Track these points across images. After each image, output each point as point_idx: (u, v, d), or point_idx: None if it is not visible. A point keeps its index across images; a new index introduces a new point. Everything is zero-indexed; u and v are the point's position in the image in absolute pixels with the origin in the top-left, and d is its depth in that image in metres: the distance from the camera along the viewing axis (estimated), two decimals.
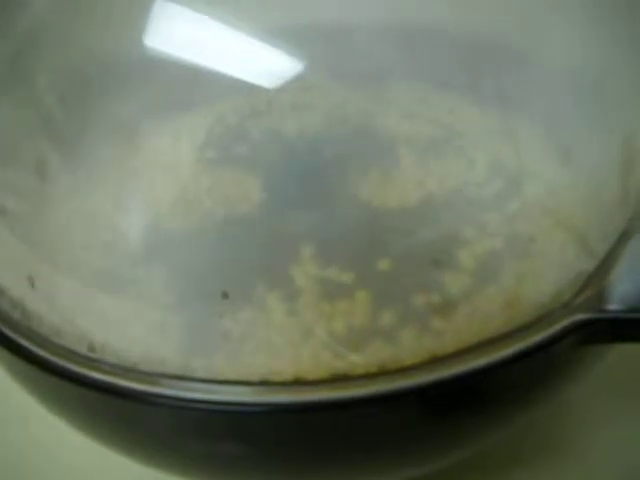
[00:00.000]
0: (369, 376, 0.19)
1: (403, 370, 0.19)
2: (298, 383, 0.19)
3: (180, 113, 0.23)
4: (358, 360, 0.19)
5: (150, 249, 0.21)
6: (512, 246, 0.20)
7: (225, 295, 0.20)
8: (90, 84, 0.23)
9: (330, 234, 0.21)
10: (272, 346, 0.20)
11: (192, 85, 0.23)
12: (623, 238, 0.20)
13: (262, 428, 0.19)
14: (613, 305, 0.20)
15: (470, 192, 0.21)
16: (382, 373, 0.19)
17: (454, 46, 0.22)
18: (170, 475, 0.23)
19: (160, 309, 0.21)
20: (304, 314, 0.20)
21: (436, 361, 0.19)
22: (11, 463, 0.29)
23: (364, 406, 0.19)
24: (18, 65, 0.23)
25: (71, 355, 0.20)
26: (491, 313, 0.20)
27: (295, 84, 0.22)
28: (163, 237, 0.21)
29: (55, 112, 0.22)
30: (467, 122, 0.22)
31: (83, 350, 0.20)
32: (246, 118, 0.23)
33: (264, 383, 0.19)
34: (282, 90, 0.22)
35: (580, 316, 0.20)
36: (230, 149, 0.23)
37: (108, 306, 0.21)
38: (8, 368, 0.22)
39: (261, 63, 0.22)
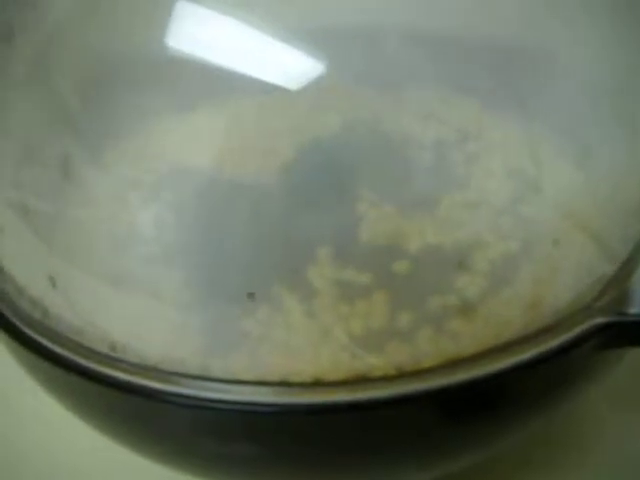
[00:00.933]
0: (387, 378, 0.19)
1: (422, 372, 0.19)
2: (316, 384, 0.19)
3: (200, 112, 0.23)
4: (376, 362, 0.19)
5: (170, 249, 0.21)
6: (531, 249, 0.20)
7: (251, 296, 0.20)
8: (112, 82, 0.23)
9: (347, 236, 0.21)
10: (291, 347, 0.20)
11: (213, 84, 0.23)
12: None
13: (280, 429, 0.19)
14: (634, 308, 0.20)
15: (489, 195, 0.21)
16: (401, 375, 0.19)
17: (474, 50, 0.22)
18: (185, 474, 0.23)
19: (180, 309, 0.21)
20: (322, 315, 0.20)
21: (455, 364, 0.19)
22: (12, 465, 0.29)
23: (382, 408, 0.19)
24: (41, 63, 0.23)
25: (92, 354, 0.20)
26: (510, 316, 0.20)
27: (315, 86, 0.22)
28: (184, 237, 0.21)
29: (78, 110, 0.23)
30: (487, 126, 0.22)
31: (104, 349, 0.20)
32: (265, 119, 0.23)
33: (283, 384, 0.19)
34: (302, 91, 0.22)
35: (600, 319, 0.20)
36: (248, 149, 0.23)
37: (129, 306, 0.21)
38: (28, 367, 0.22)
39: (281, 64, 0.22)
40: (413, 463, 0.21)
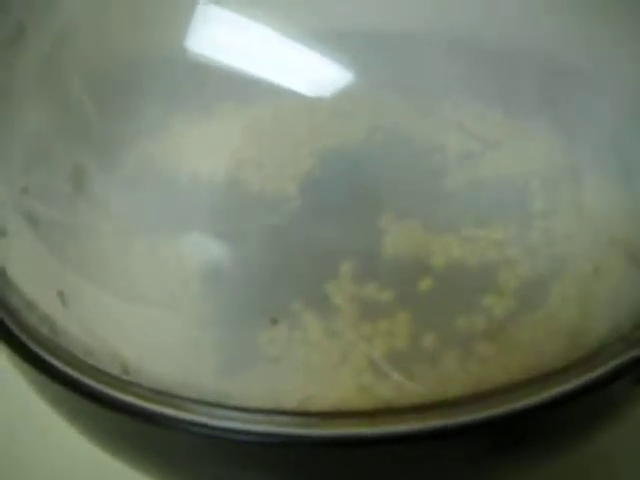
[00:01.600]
0: (413, 410, 0.18)
1: (450, 405, 0.18)
2: (336, 416, 0.18)
3: (218, 118, 0.22)
4: (400, 385, 0.18)
5: (186, 266, 0.20)
6: (567, 272, 0.19)
7: (274, 320, 0.19)
8: (127, 87, 0.22)
9: (370, 250, 0.20)
10: (310, 368, 0.19)
11: (230, 89, 0.22)
12: None
13: (296, 460, 0.18)
14: None
15: (526, 217, 0.20)
16: (427, 407, 0.18)
17: (511, 61, 0.21)
18: None
19: (195, 326, 0.20)
20: (343, 334, 0.19)
21: (486, 396, 0.18)
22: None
23: (406, 443, 0.18)
24: (53, 65, 0.22)
25: (102, 375, 0.19)
26: (542, 343, 0.19)
27: (337, 92, 0.21)
28: (199, 252, 0.20)
29: (91, 116, 0.22)
30: (526, 143, 0.21)
31: (115, 371, 0.19)
32: (284, 125, 0.22)
33: (300, 414, 0.18)
34: (323, 98, 0.21)
35: (637, 352, 0.19)
36: (267, 157, 0.22)
37: (142, 323, 0.20)
38: (35, 386, 0.21)
39: (303, 69, 0.21)
40: None
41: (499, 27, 0.21)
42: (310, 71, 0.21)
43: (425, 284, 0.20)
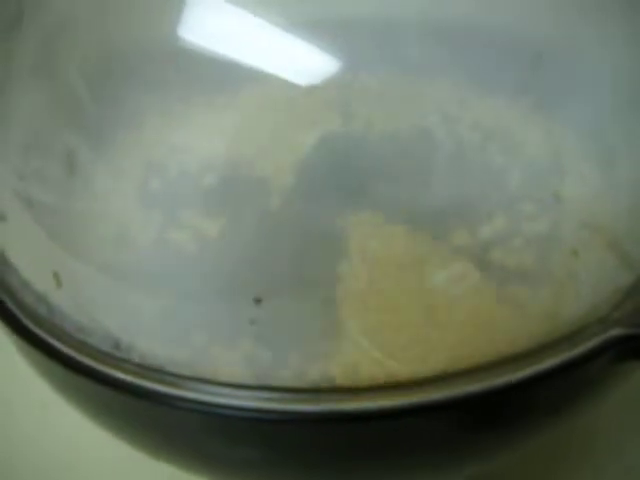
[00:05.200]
0: (400, 386, 0.19)
1: (429, 382, 0.19)
2: (322, 391, 0.19)
3: (211, 106, 0.23)
4: (393, 365, 0.19)
5: (180, 247, 0.21)
6: (549, 257, 0.20)
7: (258, 300, 0.19)
8: (121, 74, 0.22)
9: (361, 234, 0.21)
10: (302, 347, 0.19)
11: (224, 77, 0.22)
12: None
13: (282, 435, 0.19)
14: None
15: (508, 201, 0.20)
16: (416, 384, 0.19)
17: (496, 47, 0.21)
18: (188, 473, 0.23)
19: (184, 306, 0.20)
20: (337, 312, 0.20)
21: (472, 372, 0.19)
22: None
23: (392, 418, 0.18)
24: (49, 52, 0.23)
25: (95, 353, 0.20)
26: (526, 324, 0.19)
27: (331, 81, 0.21)
28: (189, 232, 0.21)
29: (85, 101, 0.22)
30: (508, 128, 0.21)
31: (108, 348, 0.20)
32: (278, 114, 0.23)
33: (289, 390, 0.19)
34: (316, 87, 0.21)
35: (617, 331, 0.19)
36: (260, 145, 0.23)
37: (134, 304, 0.20)
38: (32, 362, 0.22)
39: (296, 58, 0.22)
40: (421, 471, 0.21)
41: (481, 11, 0.22)
42: (303, 61, 0.22)
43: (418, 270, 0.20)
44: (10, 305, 0.22)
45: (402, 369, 0.19)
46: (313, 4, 0.22)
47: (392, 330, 0.19)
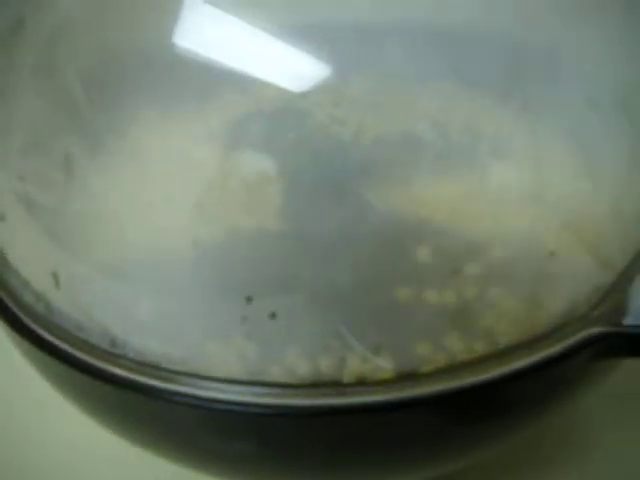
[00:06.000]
0: (385, 383, 0.19)
1: (419, 377, 0.19)
2: (314, 386, 0.19)
3: (203, 111, 0.23)
4: (381, 364, 0.19)
5: (175, 247, 0.21)
6: (529, 257, 0.20)
7: (249, 299, 0.20)
8: (119, 78, 0.23)
9: (349, 233, 0.21)
10: (294, 346, 0.20)
11: (217, 83, 0.23)
12: None
13: (277, 430, 0.20)
14: (630, 319, 0.20)
15: (490, 201, 0.21)
16: (398, 380, 0.19)
17: (480, 48, 0.22)
18: (185, 469, 0.24)
19: (182, 307, 0.21)
20: (328, 312, 0.20)
21: (452, 370, 0.19)
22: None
23: (379, 412, 0.19)
24: (50, 56, 0.23)
25: (91, 349, 0.21)
26: (507, 323, 0.20)
27: (321, 86, 0.22)
28: (188, 234, 0.22)
29: (82, 106, 0.23)
30: (493, 130, 0.22)
31: (104, 345, 0.20)
32: (270, 119, 0.23)
33: (283, 385, 0.19)
34: (306, 91, 0.22)
35: (596, 329, 0.20)
36: (250, 150, 0.23)
37: (130, 303, 0.21)
38: (31, 360, 0.22)
39: (288, 64, 0.22)
40: (408, 465, 0.22)
41: (469, 16, 0.22)
42: (289, 65, 0.22)
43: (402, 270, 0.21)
44: (9, 304, 0.22)
45: (387, 366, 0.19)
46: (304, 10, 0.23)
47: (378, 328, 0.20)
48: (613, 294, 0.20)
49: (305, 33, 0.22)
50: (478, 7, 0.23)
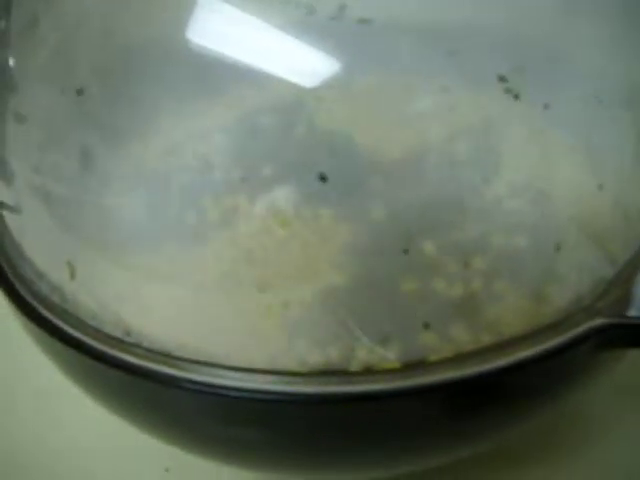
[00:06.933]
0: (393, 371, 0.20)
1: (425, 367, 0.20)
2: (324, 374, 0.20)
3: (215, 106, 0.24)
4: (386, 354, 0.20)
5: (187, 238, 0.22)
6: (535, 250, 0.21)
7: (258, 289, 0.20)
8: (134, 73, 0.23)
9: (357, 234, 0.22)
10: (303, 337, 0.20)
11: (230, 78, 0.23)
12: None
13: (286, 417, 0.20)
14: (634, 311, 0.20)
15: (497, 195, 0.21)
16: (406, 369, 0.20)
17: (488, 45, 0.22)
18: (193, 456, 0.24)
19: (190, 294, 0.21)
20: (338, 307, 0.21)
21: (457, 359, 0.20)
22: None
23: (386, 401, 0.19)
24: (64, 51, 0.24)
25: (105, 338, 0.21)
26: (512, 314, 0.20)
27: (323, 81, 0.22)
28: (199, 226, 0.22)
29: (98, 100, 0.23)
30: (498, 125, 0.22)
31: (118, 334, 0.21)
32: (274, 113, 0.24)
33: (294, 374, 0.20)
34: (314, 87, 0.22)
35: (600, 321, 0.20)
36: (261, 143, 0.23)
37: (145, 293, 0.21)
38: (45, 349, 0.23)
39: (296, 60, 0.23)
40: (415, 453, 0.22)
41: (471, 12, 0.22)
42: (297, 61, 0.22)
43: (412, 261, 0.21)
44: (25, 294, 0.23)
45: (393, 356, 0.20)
46: (313, 7, 0.23)
47: (384, 318, 0.20)
48: (617, 286, 0.21)
49: (316, 29, 0.23)
50: (484, 3, 0.23)
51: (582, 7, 0.23)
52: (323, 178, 0.21)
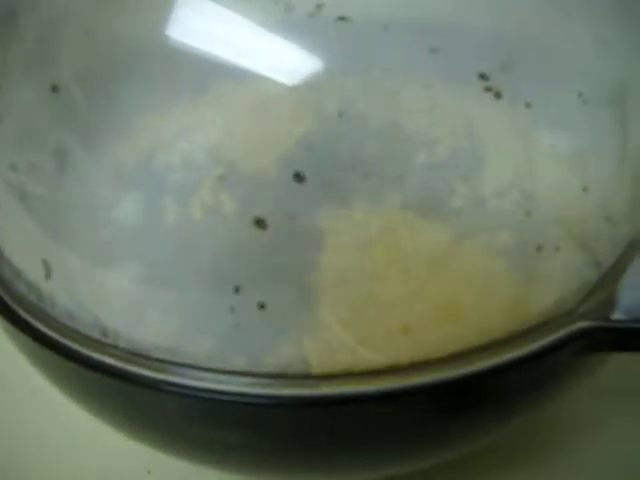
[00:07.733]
0: (375, 373, 0.19)
1: (408, 369, 0.19)
2: (306, 377, 0.20)
3: (196, 104, 0.24)
4: (368, 355, 0.20)
5: (165, 237, 0.21)
6: (519, 252, 0.21)
7: (237, 289, 0.20)
8: (113, 71, 0.23)
9: (342, 228, 0.21)
10: (283, 337, 0.20)
11: (209, 75, 0.23)
12: (630, 249, 0.21)
13: (267, 419, 0.20)
14: (617, 314, 0.20)
15: (480, 196, 0.21)
16: (389, 371, 0.19)
17: (470, 43, 0.22)
18: (176, 459, 0.24)
19: (172, 297, 0.21)
20: (315, 303, 0.20)
21: (441, 361, 0.19)
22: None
23: (368, 403, 0.19)
24: (43, 48, 0.23)
25: (82, 339, 0.21)
26: (496, 317, 0.20)
27: (308, 80, 0.22)
28: (179, 226, 0.22)
29: (75, 99, 0.23)
30: (480, 124, 0.22)
31: (95, 334, 0.21)
32: (260, 112, 0.23)
33: (274, 376, 0.19)
34: (297, 85, 0.22)
35: (584, 324, 0.20)
36: (243, 142, 0.23)
37: (121, 293, 0.21)
38: (23, 349, 0.22)
39: (279, 58, 0.22)
40: (397, 456, 0.22)
41: (456, 11, 0.22)
42: (280, 58, 0.22)
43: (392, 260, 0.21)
44: (2, 293, 0.23)
45: (374, 357, 0.20)
46: (295, 4, 0.23)
47: (365, 319, 0.20)
48: (601, 289, 0.21)
49: (295, 27, 0.22)
50: (465, 0, 0.23)
51: (565, 5, 0.23)
52: (301, 177, 0.21)
